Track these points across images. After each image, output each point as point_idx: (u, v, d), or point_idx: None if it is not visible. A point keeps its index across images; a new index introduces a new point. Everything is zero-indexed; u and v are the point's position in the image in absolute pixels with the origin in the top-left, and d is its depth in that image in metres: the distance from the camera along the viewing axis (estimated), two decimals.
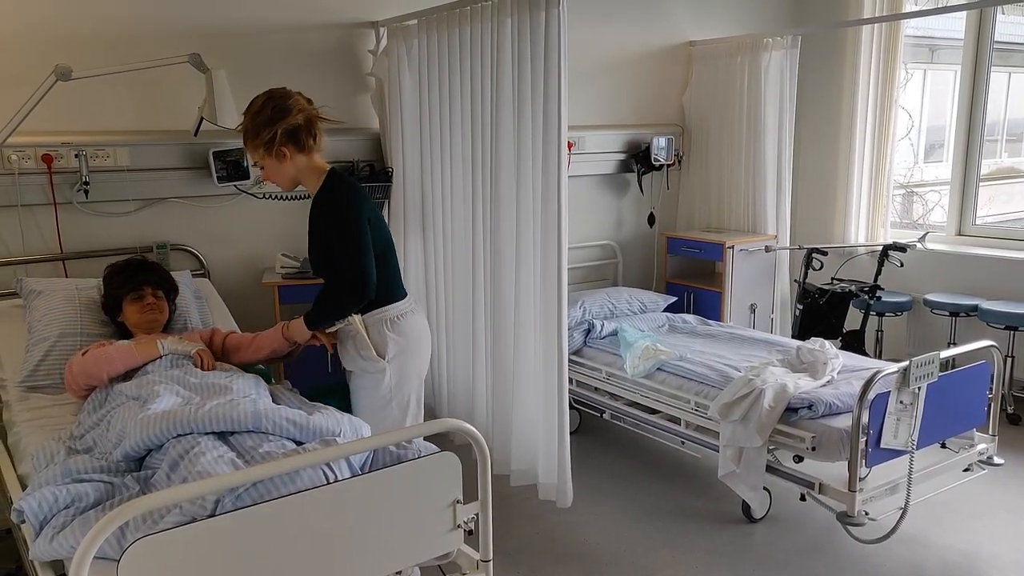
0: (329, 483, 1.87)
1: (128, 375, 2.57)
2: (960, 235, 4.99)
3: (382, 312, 2.68)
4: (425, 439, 2.18)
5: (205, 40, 3.62)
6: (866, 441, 2.80)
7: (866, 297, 4.51)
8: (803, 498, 3.07)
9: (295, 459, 1.79)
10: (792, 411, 3.06)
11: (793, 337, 4.37)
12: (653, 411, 3.64)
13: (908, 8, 5.00)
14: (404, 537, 1.94)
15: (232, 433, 2.14)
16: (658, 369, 3.63)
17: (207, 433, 2.10)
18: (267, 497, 1.80)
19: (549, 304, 3.02)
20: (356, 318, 2.65)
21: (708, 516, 3.37)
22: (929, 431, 2.94)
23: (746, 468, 3.10)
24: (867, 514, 2.86)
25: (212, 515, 1.75)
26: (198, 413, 2.12)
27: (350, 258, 2.54)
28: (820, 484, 2.95)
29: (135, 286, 2.85)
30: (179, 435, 2.08)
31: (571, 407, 3.72)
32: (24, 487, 2.33)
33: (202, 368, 2.58)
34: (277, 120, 2.54)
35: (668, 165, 4.97)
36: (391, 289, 2.70)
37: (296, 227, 3.97)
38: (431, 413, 3.87)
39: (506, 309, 3.27)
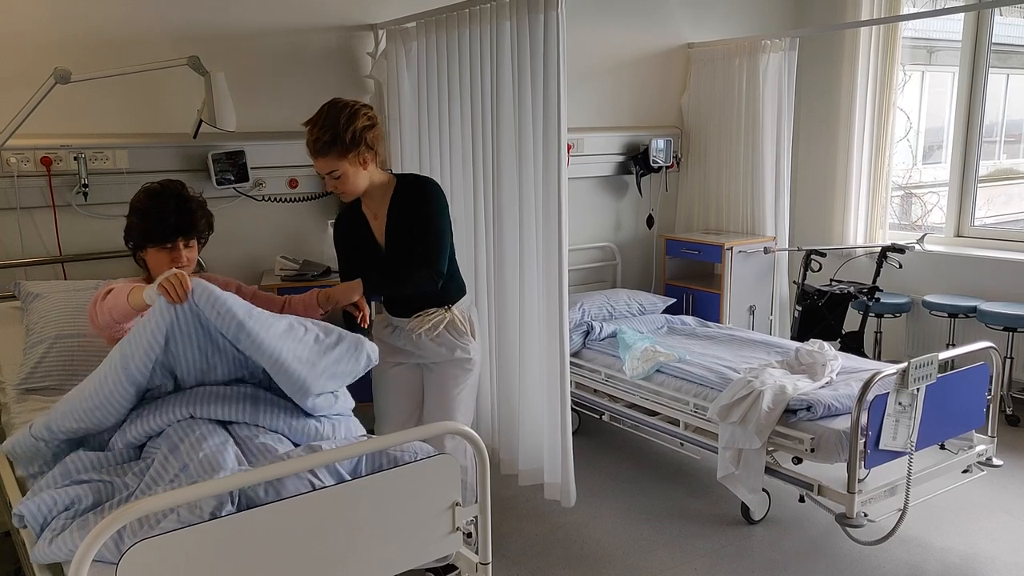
0: (315, 489, 1.86)
1: None
2: (959, 236, 4.99)
3: (466, 299, 2.97)
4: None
5: (204, 43, 3.63)
6: (865, 442, 2.80)
7: (865, 298, 4.51)
8: (802, 500, 3.08)
9: (287, 464, 1.78)
10: (791, 413, 3.06)
11: (792, 339, 4.37)
12: (652, 413, 3.64)
13: (906, 10, 5.01)
14: (403, 540, 1.94)
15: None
16: (657, 371, 3.63)
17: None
18: (263, 496, 1.81)
19: (551, 305, 3.02)
20: (451, 310, 2.88)
21: (707, 518, 3.37)
22: (928, 432, 2.95)
23: (745, 470, 3.10)
24: (866, 515, 2.86)
25: (213, 516, 1.75)
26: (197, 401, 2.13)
27: (440, 249, 2.74)
28: (819, 486, 2.95)
29: (165, 236, 2.49)
30: (178, 420, 2.09)
31: (571, 409, 3.72)
32: (23, 490, 2.33)
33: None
34: (367, 129, 2.65)
35: (667, 167, 4.98)
36: (463, 282, 2.97)
37: (295, 229, 3.97)
38: None
39: (510, 311, 3.27)
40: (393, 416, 3.01)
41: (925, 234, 4.97)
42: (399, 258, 2.79)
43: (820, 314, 4.46)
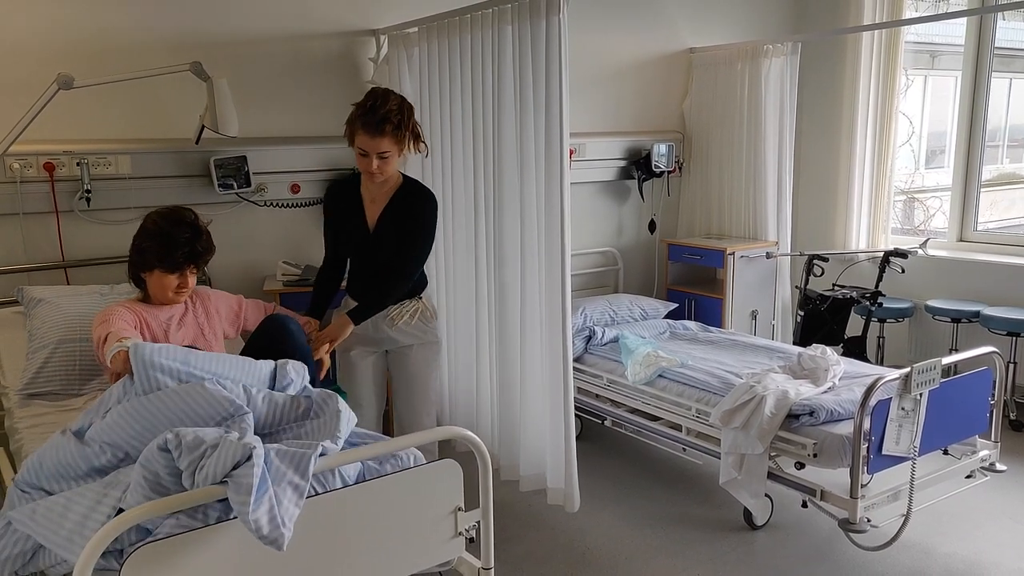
0: (318, 494, 1.85)
1: None
2: (961, 241, 4.99)
3: (427, 289, 3.16)
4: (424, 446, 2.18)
5: (206, 49, 3.64)
6: (868, 448, 2.79)
7: (867, 303, 4.51)
8: (805, 505, 3.06)
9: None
10: (793, 418, 3.06)
11: (794, 343, 4.37)
12: (654, 418, 3.63)
13: (908, 14, 5.00)
14: (405, 545, 1.94)
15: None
16: (659, 376, 3.63)
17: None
18: None
19: (553, 310, 3.02)
20: (421, 299, 3.08)
21: (709, 523, 3.36)
22: (931, 438, 2.94)
23: (747, 475, 3.09)
24: (869, 521, 2.86)
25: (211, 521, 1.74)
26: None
27: (419, 264, 2.97)
28: (822, 491, 2.94)
29: (174, 266, 2.56)
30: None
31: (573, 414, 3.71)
32: None
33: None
34: (417, 124, 2.89)
35: (669, 172, 4.98)
36: (424, 273, 3.12)
37: (297, 234, 3.98)
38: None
39: (512, 315, 3.27)
40: (371, 404, 3.15)
41: (928, 239, 4.96)
42: (382, 242, 2.95)
43: (822, 319, 4.46)
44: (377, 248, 2.96)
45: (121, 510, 1.78)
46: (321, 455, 1.82)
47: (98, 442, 1.97)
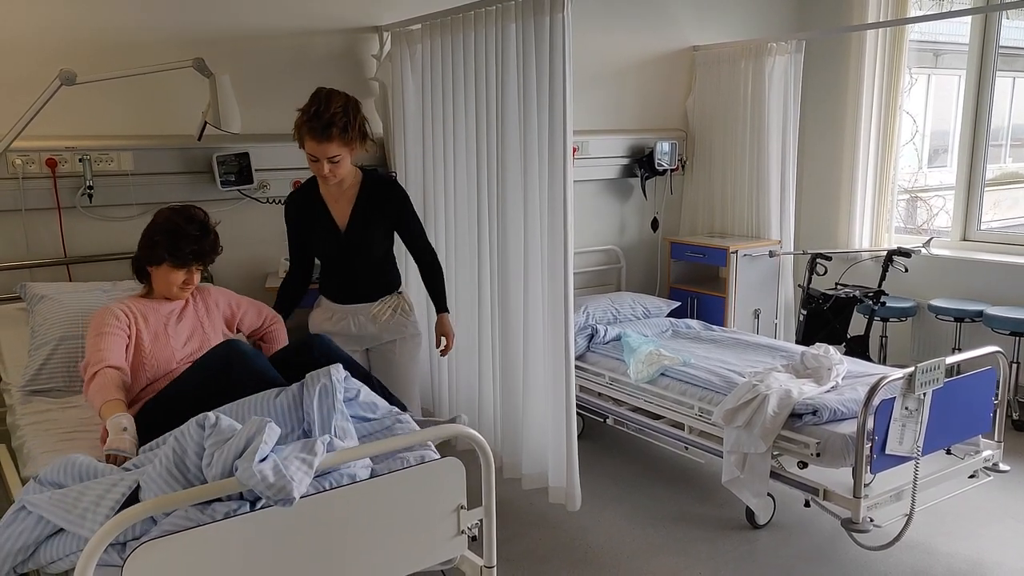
0: (325, 490, 1.86)
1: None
2: (965, 240, 4.98)
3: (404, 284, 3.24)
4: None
5: (209, 45, 3.63)
6: (871, 447, 2.79)
7: (870, 302, 4.50)
8: (807, 504, 3.06)
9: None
10: (796, 417, 3.05)
11: (797, 342, 4.36)
12: (657, 416, 3.63)
13: (912, 13, 4.99)
14: (407, 542, 1.93)
15: None
16: (662, 374, 3.62)
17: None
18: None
19: (556, 308, 3.02)
20: (400, 294, 3.14)
21: (712, 522, 3.36)
22: (934, 437, 2.93)
23: (750, 474, 3.09)
24: (872, 520, 2.85)
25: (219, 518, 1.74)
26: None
27: (426, 239, 3.11)
28: (824, 490, 2.94)
29: (182, 261, 2.59)
30: None
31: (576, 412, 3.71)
32: None
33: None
34: (364, 122, 2.87)
35: (672, 170, 4.97)
36: (398, 268, 3.19)
37: None
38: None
39: (514, 313, 3.26)
40: None
41: (931, 238, 4.95)
42: (358, 240, 2.98)
43: (825, 318, 4.45)
44: (353, 245, 2.98)
45: (137, 490, 1.80)
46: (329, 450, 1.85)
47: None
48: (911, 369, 2.77)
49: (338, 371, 2.13)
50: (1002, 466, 3.19)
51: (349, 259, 3.00)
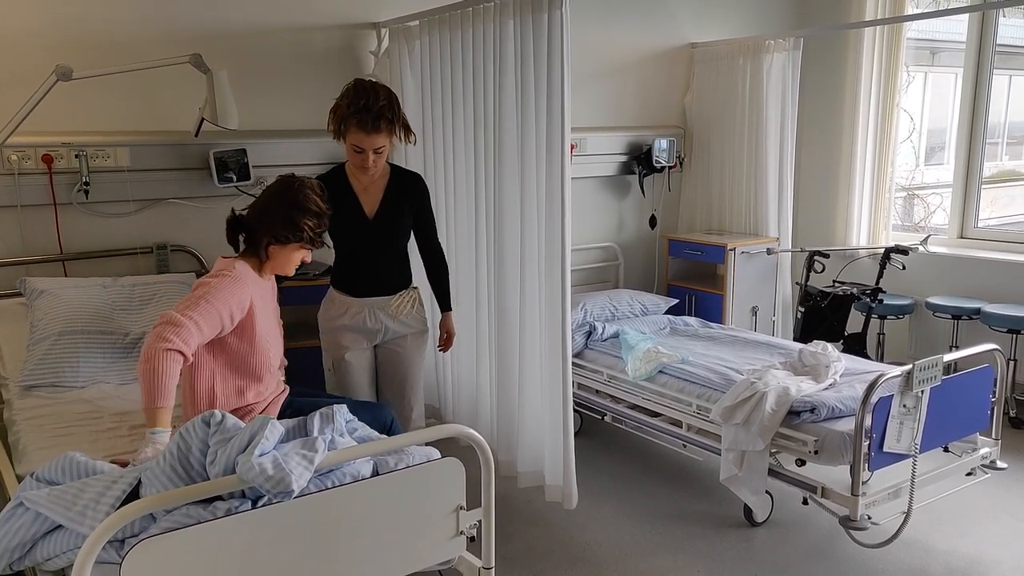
0: (325, 489, 1.85)
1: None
2: (962, 238, 4.98)
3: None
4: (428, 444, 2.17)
5: (206, 41, 3.61)
6: (869, 445, 2.79)
7: (868, 300, 4.50)
8: (805, 502, 3.06)
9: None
10: (794, 414, 3.05)
11: (795, 340, 4.36)
12: (655, 414, 3.63)
13: (910, 10, 4.99)
14: (406, 543, 1.93)
15: None
16: (660, 372, 3.62)
17: None
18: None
19: (553, 305, 3.01)
20: (415, 288, 3.15)
21: (710, 520, 3.36)
22: (932, 435, 2.93)
23: (748, 472, 3.09)
24: (870, 518, 2.85)
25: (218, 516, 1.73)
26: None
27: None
28: (822, 488, 2.94)
29: (314, 243, 2.52)
30: None
31: (572, 409, 3.71)
32: None
33: None
34: (400, 104, 2.89)
35: (670, 167, 4.96)
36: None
37: None
38: (436, 416, 3.86)
39: (511, 310, 3.26)
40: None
41: (928, 235, 4.95)
42: (385, 228, 3.00)
43: (823, 315, 4.45)
44: (382, 234, 2.99)
45: (137, 487, 1.80)
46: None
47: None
48: (909, 367, 2.77)
49: (341, 407, 2.14)
50: (999, 463, 3.19)
51: (373, 249, 3.00)
